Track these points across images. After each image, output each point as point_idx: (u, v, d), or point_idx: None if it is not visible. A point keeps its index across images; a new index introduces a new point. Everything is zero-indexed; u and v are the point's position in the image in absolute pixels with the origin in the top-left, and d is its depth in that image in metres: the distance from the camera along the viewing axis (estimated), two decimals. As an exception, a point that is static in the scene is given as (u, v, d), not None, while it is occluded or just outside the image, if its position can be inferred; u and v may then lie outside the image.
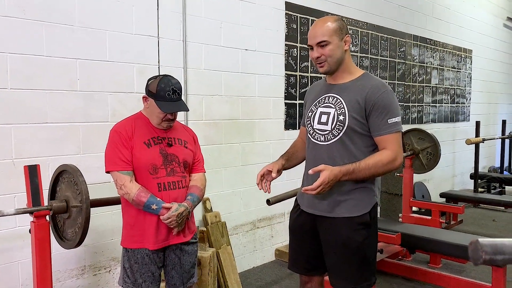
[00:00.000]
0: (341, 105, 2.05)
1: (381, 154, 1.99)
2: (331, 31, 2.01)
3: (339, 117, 2.03)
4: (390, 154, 1.98)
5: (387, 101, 1.99)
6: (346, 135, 2.03)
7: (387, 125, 1.99)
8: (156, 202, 2.10)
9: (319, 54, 2.04)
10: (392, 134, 1.99)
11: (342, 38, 2.03)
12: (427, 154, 4.81)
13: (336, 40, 2.01)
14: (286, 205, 3.84)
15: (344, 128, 2.02)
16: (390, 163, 1.99)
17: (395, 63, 5.86)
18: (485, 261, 0.78)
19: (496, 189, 7.51)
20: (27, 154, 2.69)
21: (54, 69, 2.78)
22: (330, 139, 2.06)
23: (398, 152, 2.01)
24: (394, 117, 1.99)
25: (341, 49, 2.04)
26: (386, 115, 1.98)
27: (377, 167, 1.96)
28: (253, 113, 4.04)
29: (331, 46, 2.01)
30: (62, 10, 2.79)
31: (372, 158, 1.98)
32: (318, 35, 2.02)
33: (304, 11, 4.44)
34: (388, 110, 1.99)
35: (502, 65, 8.95)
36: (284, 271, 4.01)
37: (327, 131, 2.07)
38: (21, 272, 2.71)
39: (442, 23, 6.87)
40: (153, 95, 2.15)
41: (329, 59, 2.03)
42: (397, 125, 2.01)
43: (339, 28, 2.02)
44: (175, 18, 3.40)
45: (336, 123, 2.04)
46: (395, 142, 2.00)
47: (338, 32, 2.02)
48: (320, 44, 2.02)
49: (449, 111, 7.20)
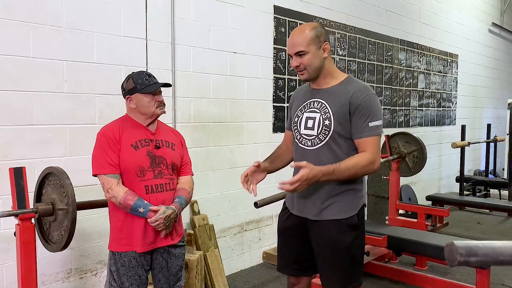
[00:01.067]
0: (326, 109, 2.06)
1: (361, 156, 2.00)
2: (308, 41, 2.02)
3: (325, 122, 2.05)
4: (369, 157, 2.00)
5: (370, 104, 2.01)
6: (332, 140, 2.05)
7: (368, 128, 2.00)
8: (143, 205, 2.09)
9: (298, 63, 2.06)
10: (372, 137, 2.01)
11: (320, 46, 2.04)
12: (413, 158, 4.86)
13: (313, 49, 2.03)
14: (274, 208, 3.85)
15: (330, 132, 2.04)
16: (369, 166, 2.00)
17: (382, 67, 5.92)
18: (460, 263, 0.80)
19: (481, 192, 7.62)
20: (13, 156, 2.66)
21: (41, 70, 2.76)
22: (316, 143, 2.08)
23: (377, 155, 2.03)
24: (375, 120, 2.01)
25: (320, 57, 2.05)
26: (367, 118, 2.00)
27: (356, 168, 1.98)
28: (241, 116, 4.05)
29: (309, 55, 2.03)
30: (49, 11, 2.77)
31: (352, 159, 1.99)
32: (296, 45, 2.04)
33: (292, 15, 4.46)
34: (370, 113, 2.01)
35: (487, 69, 9.09)
36: (272, 274, 4.02)
37: (313, 136, 2.09)
38: (6, 276, 2.67)
39: (429, 28, 6.96)
40: (134, 89, 2.17)
41: (308, 67, 2.05)
42: (377, 128, 2.02)
43: (316, 37, 2.03)
44: (164, 21, 3.40)
45: (322, 128, 2.05)
46: (374, 145, 2.02)
47: (315, 41, 2.02)
48: (298, 54, 2.04)
49: (435, 115, 7.28)
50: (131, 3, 3.18)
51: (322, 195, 2.07)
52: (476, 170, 8.70)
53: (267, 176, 2.23)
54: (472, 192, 7.54)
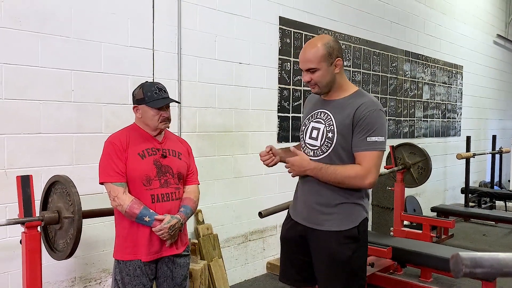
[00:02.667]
0: (330, 121, 2.06)
1: (352, 167, 1.99)
2: (319, 58, 2.00)
3: (328, 134, 2.04)
4: (360, 170, 1.96)
5: (372, 119, 1.98)
6: (334, 152, 2.04)
7: (365, 142, 1.97)
8: (149, 214, 2.10)
9: (309, 79, 2.06)
10: (369, 151, 1.97)
11: (332, 63, 2.03)
12: (418, 169, 4.85)
13: (325, 66, 2.01)
14: (278, 218, 3.85)
15: (333, 145, 2.03)
16: (357, 179, 1.97)
17: (387, 78, 5.93)
18: (465, 274, 0.80)
19: (487, 204, 7.57)
20: (20, 164, 2.68)
21: (48, 79, 2.79)
22: (319, 154, 2.08)
23: (371, 171, 1.96)
24: (375, 136, 1.96)
25: (331, 73, 2.04)
26: (367, 133, 1.97)
27: (343, 176, 1.97)
28: (246, 126, 4.07)
29: (320, 72, 2.02)
30: (57, 21, 2.81)
31: (342, 167, 1.99)
32: (307, 61, 2.03)
33: (297, 26, 4.50)
34: (370, 128, 1.97)
35: (492, 81, 9.09)
36: (275, 285, 4.00)
37: (316, 147, 2.09)
38: (11, 284, 2.68)
39: (434, 39, 6.98)
40: (142, 100, 2.19)
41: (319, 83, 2.05)
42: (376, 144, 1.97)
43: (328, 54, 2.01)
44: (170, 31, 3.43)
45: (325, 140, 2.05)
46: (370, 160, 1.97)
47: (327, 58, 2.01)
48: (309, 70, 2.04)
49: (440, 126, 7.27)
50: (138, 14, 3.22)
51: (323, 203, 2.07)
52: (481, 182, 8.66)
53: (271, 187, 2.24)
54: (478, 203, 7.49)
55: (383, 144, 2.00)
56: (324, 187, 2.06)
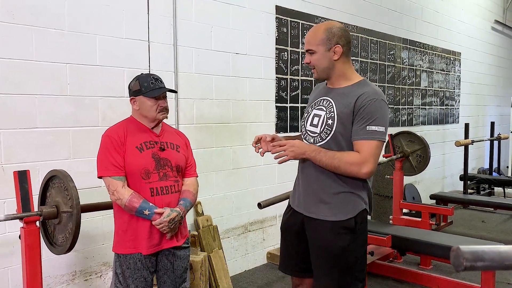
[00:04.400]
0: (331, 109, 2.05)
1: (350, 153, 1.98)
2: (318, 41, 2.04)
3: (328, 121, 2.04)
4: (357, 157, 1.94)
5: (373, 108, 1.95)
6: (333, 139, 2.03)
7: (364, 131, 1.95)
8: (148, 208, 2.09)
9: (308, 60, 2.11)
10: (367, 140, 1.95)
11: (330, 49, 2.03)
12: (417, 156, 4.85)
13: (321, 50, 2.04)
14: (277, 209, 3.86)
15: (332, 132, 2.02)
16: (354, 166, 1.94)
17: (384, 66, 5.90)
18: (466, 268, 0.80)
19: (486, 191, 7.60)
20: (17, 159, 2.67)
21: (44, 73, 2.76)
22: (318, 141, 2.07)
23: (368, 159, 1.94)
24: (375, 125, 1.94)
25: (328, 59, 2.05)
26: (366, 122, 1.95)
27: (340, 161, 1.95)
28: (244, 117, 4.05)
29: (316, 55, 2.06)
30: (51, 14, 2.78)
31: (341, 152, 1.98)
32: (307, 43, 2.09)
33: (294, 15, 4.46)
34: (370, 117, 1.95)
35: (490, 67, 9.06)
36: (276, 274, 4.02)
37: (316, 134, 2.09)
38: (11, 279, 2.68)
39: (431, 26, 6.94)
40: (138, 91, 2.18)
41: (316, 67, 2.09)
42: (375, 133, 1.95)
43: (327, 38, 2.03)
44: (166, 22, 3.40)
45: (324, 127, 2.05)
46: (368, 149, 1.94)
47: (325, 43, 2.03)
48: (308, 51, 2.10)
49: (438, 113, 7.26)
50: (132, 5, 3.19)
51: (320, 191, 2.06)
52: (480, 168, 8.67)
53: (270, 178, 2.23)
54: (476, 190, 7.51)
55: (383, 134, 1.97)
56: (322, 174, 2.04)
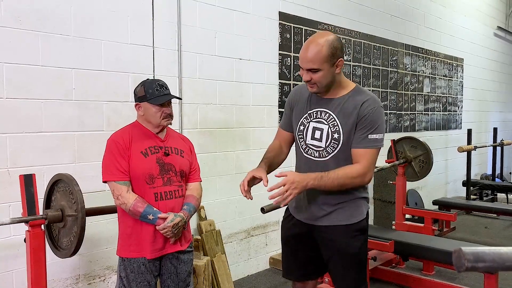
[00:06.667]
0: (334, 122, 2.04)
1: (352, 168, 1.98)
2: (323, 59, 1.92)
3: (334, 135, 2.03)
4: (360, 169, 1.97)
5: (375, 117, 1.99)
6: (340, 153, 2.03)
7: (367, 139, 1.99)
8: (152, 212, 2.11)
9: (309, 78, 1.98)
10: (368, 149, 1.99)
11: (334, 63, 1.96)
12: (419, 162, 4.85)
13: (327, 67, 1.94)
14: (280, 213, 3.83)
15: (339, 146, 2.03)
16: (358, 178, 1.98)
17: (387, 71, 5.92)
18: (467, 268, 0.81)
19: (488, 196, 7.58)
20: (22, 163, 2.69)
21: (49, 78, 2.79)
22: (325, 155, 2.06)
23: (369, 168, 1.99)
24: (376, 133, 1.99)
25: (332, 73, 1.98)
26: (369, 130, 1.98)
27: (344, 178, 1.95)
28: (247, 122, 4.07)
29: (322, 73, 1.95)
30: (57, 20, 2.81)
31: (342, 169, 1.97)
32: (309, 62, 1.94)
33: (297, 21, 4.49)
34: (372, 125, 1.99)
35: (493, 73, 9.06)
36: (278, 279, 4.02)
37: (321, 148, 2.07)
38: (15, 282, 2.70)
39: (434, 32, 6.96)
40: (143, 97, 2.20)
41: (319, 83, 1.99)
42: (376, 141, 2.00)
43: (331, 54, 1.93)
44: (170, 28, 3.43)
45: (330, 141, 2.03)
46: (369, 158, 1.99)
47: (329, 59, 1.93)
48: (310, 70, 1.96)
49: (441, 119, 7.27)
50: (138, 11, 3.22)
51: (329, 202, 2.08)
52: (482, 174, 8.66)
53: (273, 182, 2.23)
54: (479, 196, 7.50)
55: (382, 141, 2.04)
56: None
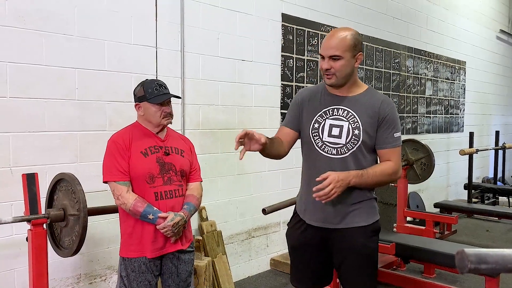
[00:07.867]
0: (354, 119, 2.04)
1: (386, 164, 2.05)
2: (346, 47, 1.96)
3: (354, 131, 2.02)
4: (394, 166, 2.05)
5: (394, 116, 2.06)
6: (359, 149, 2.04)
7: (393, 138, 2.05)
8: (152, 212, 2.12)
9: (329, 66, 1.98)
10: (396, 147, 2.07)
11: (355, 55, 2.00)
12: (421, 165, 4.85)
13: (348, 56, 1.97)
14: (282, 215, 3.86)
15: (359, 142, 2.02)
16: (393, 175, 2.07)
17: (389, 74, 5.92)
18: (470, 270, 0.82)
19: (490, 200, 7.56)
20: (25, 162, 2.70)
21: (52, 78, 2.80)
22: (344, 152, 2.04)
23: (400, 165, 2.10)
24: (397, 131, 2.07)
25: (351, 66, 2.00)
26: (393, 129, 2.05)
27: (382, 175, 2.03)
28: (249, 123, 4.07)
29: (343, 61, 1.96)
30: (61, 20, 2.82)
31: (379, 166, 2.05)
32: (332, 48, 1.96)
33: (300, 23, 4.49)
34: (395, 124, 2.06)
35: (495, 76, 9.05)
36: (279, 281, 4.02)
37: (340, 145, 2.04)
38: (17, 280, 2.70)
39: (437, 35, 6.96)
40: (143, 97, 2.21)
41: (338, 73, 1.98)
42: (399, 139, 2.09)
43: (354, 45, 1.98)
44: (173, 29, 3.44)
45: (351, 137, 2.02)
46: (398, 155, 2.09)
47: (352, 49, 1.97)
48: (332, 57, 1.97)
49: (443, 122, 7.26)
50: (141, 11, 3.23)
51: (344, 204, 2.06)
52: (484, 177, 8.65)
53: (274, 183, 2.24)
54: (481, 199, 7.48)
55: (401, 138, 2.15)
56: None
